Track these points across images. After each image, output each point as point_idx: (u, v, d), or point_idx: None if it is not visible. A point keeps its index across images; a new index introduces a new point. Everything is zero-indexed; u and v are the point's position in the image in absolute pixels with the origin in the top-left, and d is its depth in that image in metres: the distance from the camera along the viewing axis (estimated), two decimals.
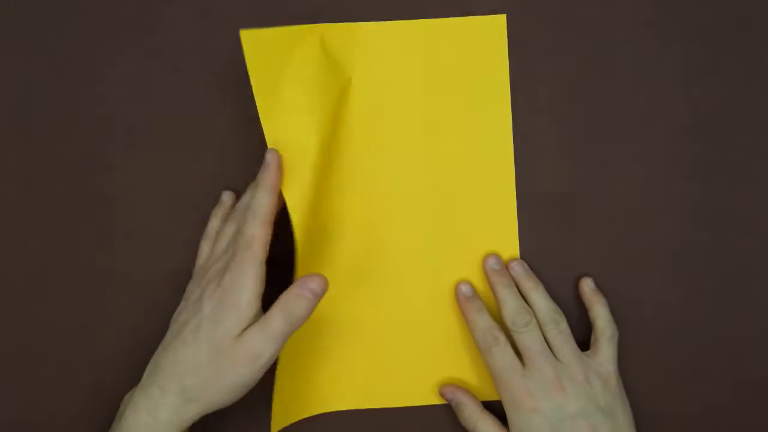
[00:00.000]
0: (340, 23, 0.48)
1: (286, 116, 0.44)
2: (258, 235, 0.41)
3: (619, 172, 0.50)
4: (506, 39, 0.50)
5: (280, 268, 0.44)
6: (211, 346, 0.40)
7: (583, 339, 0.48)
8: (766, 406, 0.49)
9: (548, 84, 0.50)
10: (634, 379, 0.48)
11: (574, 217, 0.50)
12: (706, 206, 0.49)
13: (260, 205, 0.42)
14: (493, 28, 0.49)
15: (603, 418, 0.44)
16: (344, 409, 0.49)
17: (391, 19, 0.49)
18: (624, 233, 0.49)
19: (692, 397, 0.49)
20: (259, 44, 0.43)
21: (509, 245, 0.49)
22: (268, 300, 0.42)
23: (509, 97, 0.49)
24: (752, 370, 0.49)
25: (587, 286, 0.49)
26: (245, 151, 0.50)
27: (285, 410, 0.47)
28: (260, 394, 0.44)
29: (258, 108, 0.43)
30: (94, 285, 0.49)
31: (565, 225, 0.49)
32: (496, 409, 0.47)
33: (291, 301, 0.41)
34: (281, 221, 0.44)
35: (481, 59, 0.49)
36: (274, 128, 0.44)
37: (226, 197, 0.49)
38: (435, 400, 0.49)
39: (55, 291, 0.49)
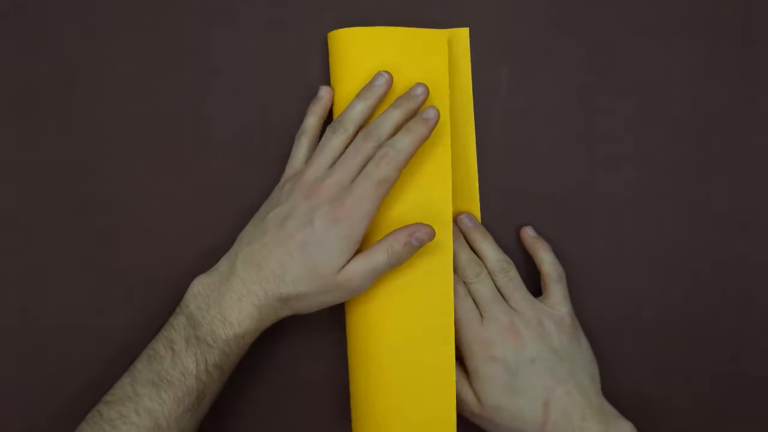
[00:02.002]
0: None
1: None
2: (393, 179, 0.43)
3: (619, 172, 0.50)
4: (469, 51, 0.49)
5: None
6: (314, 269, 0.42)
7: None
8: (766, 405, 0.49)
9: (548, 84, 0.50)
10: (634, 379, 0.49)
11: (574, 217, 0.50)
12: (706, 206, 0.49)
13: (405, 149, 0.43)
14: (458, 40, 0.49)
15: (559, 361, 0.45)
16: None
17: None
18: (624, 233, 0.49)
19: (692, 396, 0.49)
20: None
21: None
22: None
23: (472, 104, 0.49)
24: (751, 369, 0.49)
25: (528, 234, 0.49)
26: (246, 151, 0.50)
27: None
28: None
29: None
30: (94, 285, 0.49)
31: (565, 225, 0.49)
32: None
33: (398, 244, 0.43)
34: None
35: (444, 69, 0.47)
36: None
37: (324, 92, 0.48)
38: None
39: (55, 291, 0.49)
